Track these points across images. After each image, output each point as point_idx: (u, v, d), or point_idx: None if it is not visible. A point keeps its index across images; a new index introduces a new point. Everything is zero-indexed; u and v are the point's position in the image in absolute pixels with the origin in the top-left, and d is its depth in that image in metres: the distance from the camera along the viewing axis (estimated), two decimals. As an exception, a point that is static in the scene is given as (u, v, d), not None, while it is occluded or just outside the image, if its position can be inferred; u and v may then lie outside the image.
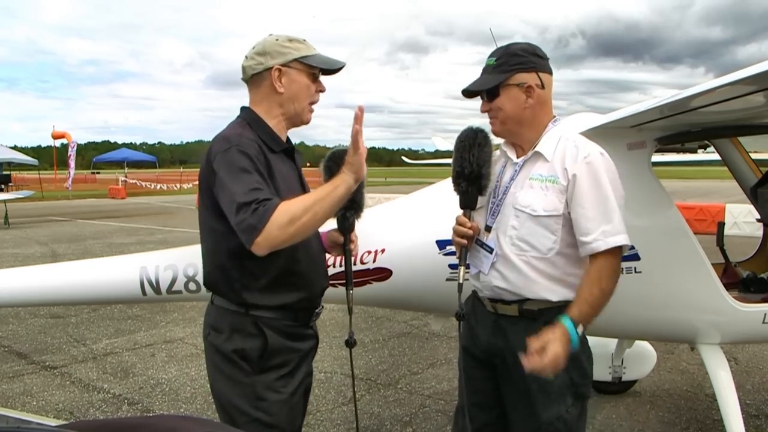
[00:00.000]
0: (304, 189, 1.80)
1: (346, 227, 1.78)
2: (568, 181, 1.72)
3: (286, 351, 1.74)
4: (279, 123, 1.77)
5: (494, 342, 1.85)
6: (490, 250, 1.80)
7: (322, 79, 1.82)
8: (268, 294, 1.71)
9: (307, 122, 1.82)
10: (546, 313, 1.76)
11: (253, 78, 1.76)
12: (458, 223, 1.81)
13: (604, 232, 1.68)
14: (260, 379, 1.70)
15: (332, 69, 1.79)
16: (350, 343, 1.75)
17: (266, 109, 1.76)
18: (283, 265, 1.70)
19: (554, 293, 1.76)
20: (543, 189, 1.73)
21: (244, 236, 1.51)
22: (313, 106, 1.82)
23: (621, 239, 1.70)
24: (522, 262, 1.75)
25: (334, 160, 1.76)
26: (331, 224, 1.87)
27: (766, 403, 3.76)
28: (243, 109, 1.80)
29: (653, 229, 2.48)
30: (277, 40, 1.74)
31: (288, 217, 1.50)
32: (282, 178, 1.69)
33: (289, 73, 1.72)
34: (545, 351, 1.58)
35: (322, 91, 1.80)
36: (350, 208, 1.76)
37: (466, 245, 1.80)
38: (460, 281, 1.78)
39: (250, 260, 1.66)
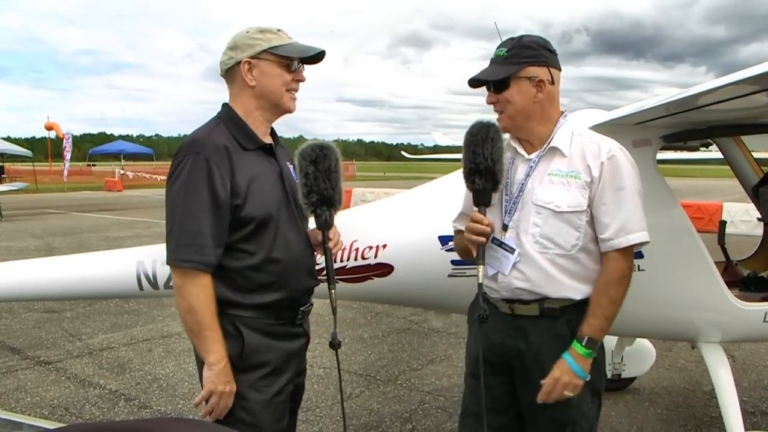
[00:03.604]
0: (284, 185, 1.75)
1: (321, 224, 1.73)
2: (591, 177, 1.70)
3: (268, 350, 1.70)
4: (257, 118, 1.74)
5: (512, 344, 1.80)
6: (512, 250, 1.75)
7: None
8: (243, 293, 1.67)
9: (289, 110, 1.77)
10: (568, 311, 1.74)
11: (227, 73, 1.74)
12: (474, 220, 1.73)
13: (623, 229, 1.68)
14: (242, 378, 1.67)
15: (309, 57, 1.74)
16: (335, 345, 1.69)
17: (242, 104, 1.73)
18: (259, 265, 1.67)
19: (577, 291, 1.74)
20: (565, 185, 1.70)
21: (168, 252, 1.64)
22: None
23: (639, 236, 1.69)
24: (546, 260, 1.72)
25: (302, 156, 1.71)
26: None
27: (763, 401, 3.78)
28: (223, 106, 1.78)
29: (657, 228, 2.44)
30: (247, 32, 1.71)
31: (190, 301, 1.61)
32: (251, 177, 1.66)
33: (259, 66, 1.69)
34: (555, 391, 1.68)
35: (301, 80, 1.76)
36: (321, 205, 1.70)
37: (484, 243, 1.73)
38: (480, 281, 1.72)
39: (224, 258, 1.64)
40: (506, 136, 1.85)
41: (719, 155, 3.69)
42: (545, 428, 1.79)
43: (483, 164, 1.70)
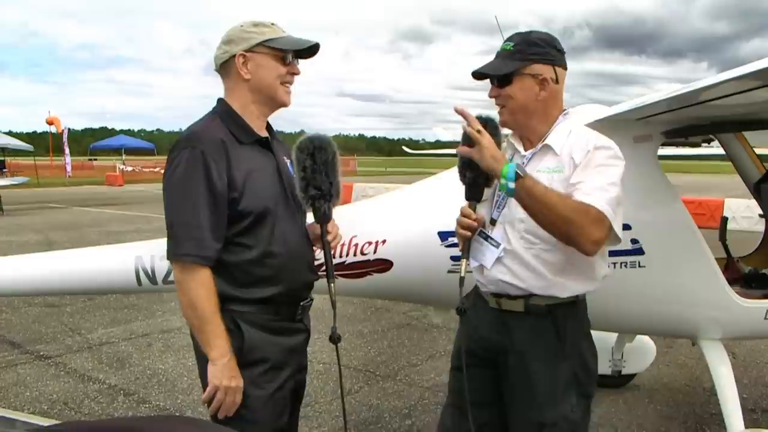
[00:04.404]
0: (282, 179, 1.74)
1: (320, 218, 1.72)
2: (574, 167, 1.66)
3: (268, 346, 1.69)
4: (252, 112, 1.74)
5: (498, 339, 1.80)
6: (497, 244, 1.75)
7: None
8: (242, 288, 1.67)
9: (284, 104, 1.77)
10: (554, 310, 1.72)
11: (222, 67, 1.74)
12: (462, 214, 1.75)
13: (589, 195, 1.57)
14: (243, 374, 1.66)
15: (304, 50, 1.74)
16: (334, 339, 1.68)
17: (238, 98, 1.73)
18: (257, 259, 1.66)
19: (563, 289, 1.72)
20: (549, 180, 1.68)
21: (168, 247, 1.64)
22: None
23: (606, 208, 1.55)
24: (531, 255, 1.71)
25: (300, 150, 1.69)
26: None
27: (763, 398, 3.77)
28: (218, 101, 1.77)
29: (658, 224, 2.45)
30: (241, 26, 1.72)
31: (191, 296, 1.60)
32: (248, 171, 1.66)
33: (254, 59, 1.69)
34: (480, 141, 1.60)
35: (296, 73, 1.76)
36: (319, 198, 1.69)
37: (469, 237, 1.75)
38: (462, 274, 1.73)
39: (222, 252, 1.63)
40: (505, 131, 1.84)
41: (721, 151, 3.67)
42: (524, 428, 1.77)
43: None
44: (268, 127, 1.83)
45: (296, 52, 1.74)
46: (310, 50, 1.76)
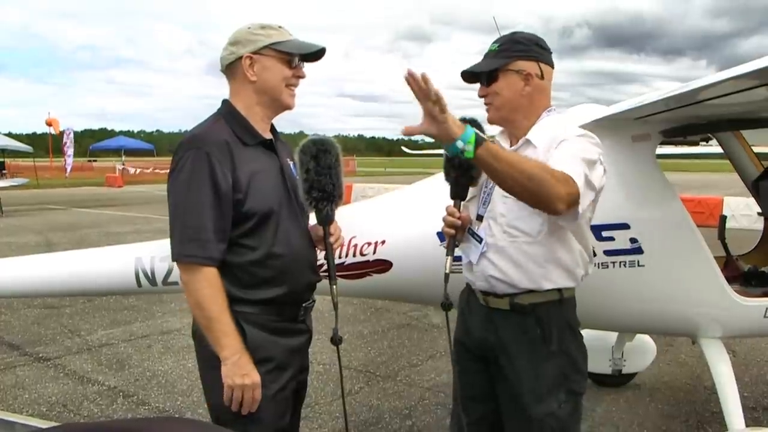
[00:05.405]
0: (285, 181, 1.75)
1: (322, 219, 1.74)
2: (546, 157, 1.65)
3: (270, 347, 1.70)
4: (257, 113, 1.74)
5: (486, 336, 1.84)
6: (480, 240, 1.79)
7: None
8: (245, 289, 1.67)
9: (288, 107, 1.78)
10: (538, 309, 1.75)
11: (228, 68, 1.74)
12: (448, 213, 1.82)
13: (561, 160, 1.56)
14: None
15: (309, 54, 1.76)
16: (336, 341, 1.70)
17: (243, 99, 1.74)
18: (260, 260, 1.67)
19: (548, 280, 1.74)
20: None
21: (172, 248, 1.64)
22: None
23: (574, 172, 1.52)
24: (515, 249, 1.74)
25: (303, 152, 1.70)
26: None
27: (764, 396, 3.77)
28: (223, 102, 1.78)
29: (657, 223, 2.45)
30: (249, 28, 1.72)
31: (198, 296, 1.61)
32: (252, 172, 1.66)
33: (261, 61, 1.70)
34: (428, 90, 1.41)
35: (301, 77, 1.77)
36: (322, 200, 1.70)
37: (454, 235, 1.82)
38: (447, 271, 1.81)
39: (226, 254, 1.64)
40: (490, 130, 1.88)
41: (719, 150, 3.68)
42: (514, 424, 1.81)
43: (458, 158, 1.71)
44: (272, 129, 1.83)
45: (302, 56, 1.75)
46: (315, 54, 1.77)
